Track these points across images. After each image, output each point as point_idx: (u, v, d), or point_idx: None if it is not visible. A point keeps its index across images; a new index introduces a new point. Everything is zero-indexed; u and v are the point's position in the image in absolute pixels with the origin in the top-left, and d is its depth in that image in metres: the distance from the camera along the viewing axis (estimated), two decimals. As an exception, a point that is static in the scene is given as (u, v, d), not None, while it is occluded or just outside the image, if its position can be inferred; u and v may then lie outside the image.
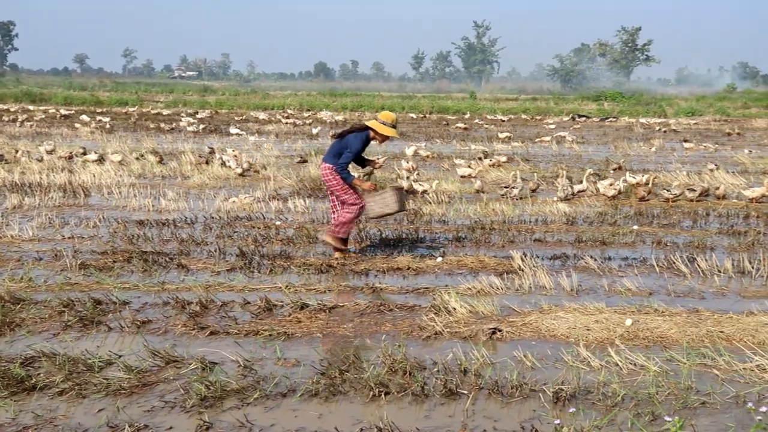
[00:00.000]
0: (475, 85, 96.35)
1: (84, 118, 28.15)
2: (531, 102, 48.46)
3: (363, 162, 7.91)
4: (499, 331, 5.46)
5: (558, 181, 11.94)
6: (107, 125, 25.95)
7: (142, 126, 26.53)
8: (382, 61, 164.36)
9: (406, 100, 46.43)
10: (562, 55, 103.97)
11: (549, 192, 12.26)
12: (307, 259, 7.58)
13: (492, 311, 5.94)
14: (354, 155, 7.48)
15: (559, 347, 5.20)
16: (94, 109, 36.70)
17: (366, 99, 46.19)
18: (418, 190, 11.39)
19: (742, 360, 4.95)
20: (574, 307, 6.03)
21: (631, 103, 45.72)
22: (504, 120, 33.98)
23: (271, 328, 5.49)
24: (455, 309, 5.90)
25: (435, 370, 4.74)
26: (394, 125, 7.58)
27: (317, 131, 24.14)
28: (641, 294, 6.56)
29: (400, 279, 7.06)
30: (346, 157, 7.43)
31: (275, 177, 13.33)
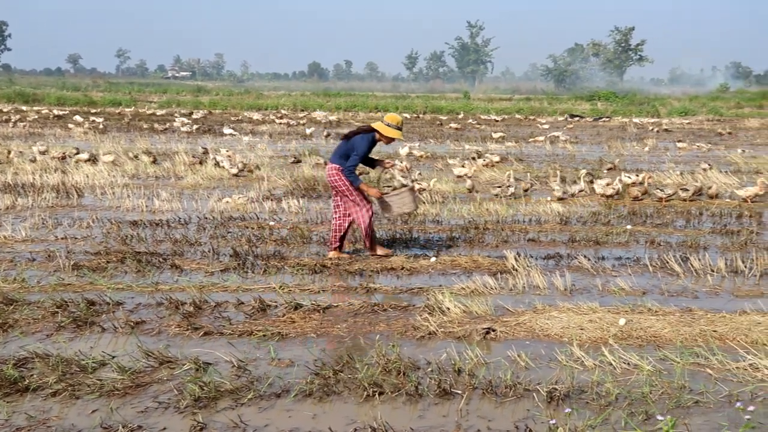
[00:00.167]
0: (469, 85, 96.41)
1: (77, 118, 28.06)
2: (524, 102, 48.50)
3: (371, 163, 7.93)
4: (493, 331, 5.47)
5: (550, 180, 11.96)
6: (101, 126, 25.88)
7: (135, 126, 26.47)
8: (375, 61, 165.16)
9: (399, 100, 46.38)
10: (555, 55, 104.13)
11: (543, 192, 12.28)
12: (301, 260, 7.58)
13: (486, 311, 5.94)
14: (361, 158, 7.52)
15: (553, 347, 5.21)
16: (87, 110, 36.59)
17: (360, 99, 46.17)
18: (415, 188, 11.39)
19: (735, 359, 4.97)
20: (567, 307, 6.04)
21: (625, 103, 45.80)
22: (498, 120, 34.02)
23: (265, 328, 5.49)
24: (449, 309, 5.91)
25: (429, 370, 4.74)
26: (399, 127, 7.60)
27: (311, 131, 24.11)
28: (635, 293, 6.57)
29: (394, 279, 7.07)
30: (353, 161, 7.46)
31: (269, 177, 13.32)
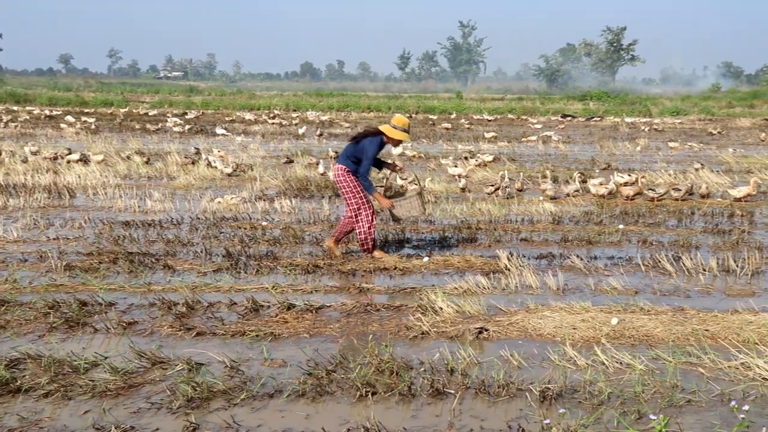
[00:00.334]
0: (462, 85, 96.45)
1: (69, 118, 27.94)
2: (517, 102, 48.56)
3: (379, 164, 7.92)
4: (486, 331, 5.48)
5: (540, 181, 11.98)
6: (93, 126, 25.82)
7: (127, 127, 26.40)
8: (368, 61, 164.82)
9: (392, 100, 46.41)
10: (547, 55, 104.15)
11: (535, 192, 12.30)
12: (294, 260, 7.57)
13: (478, 311, 5.95)
14: (371, 162, 7.54)
15: (546, 346, 5.22)
16: (79, 110, 36.45)
17: (352, 99, 46.18)
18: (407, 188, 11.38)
19: (727, 358, 4.99)
20: (560, 307, 6.05)
21: (617, 103, 45.93)
22: (490, 120, 34.08)
23: (258, 328, 5.49)
24: (442, 309, 5.91)
25: (422, 369, 4.74)
26: (406, 129, 7.62)
27: (303, 131, 24.10)
28: (627, 293, 6.59)
29: (386, 279, 7.07)
30: (365, 166, 7.49)
31: (261, 177, 13.30)
